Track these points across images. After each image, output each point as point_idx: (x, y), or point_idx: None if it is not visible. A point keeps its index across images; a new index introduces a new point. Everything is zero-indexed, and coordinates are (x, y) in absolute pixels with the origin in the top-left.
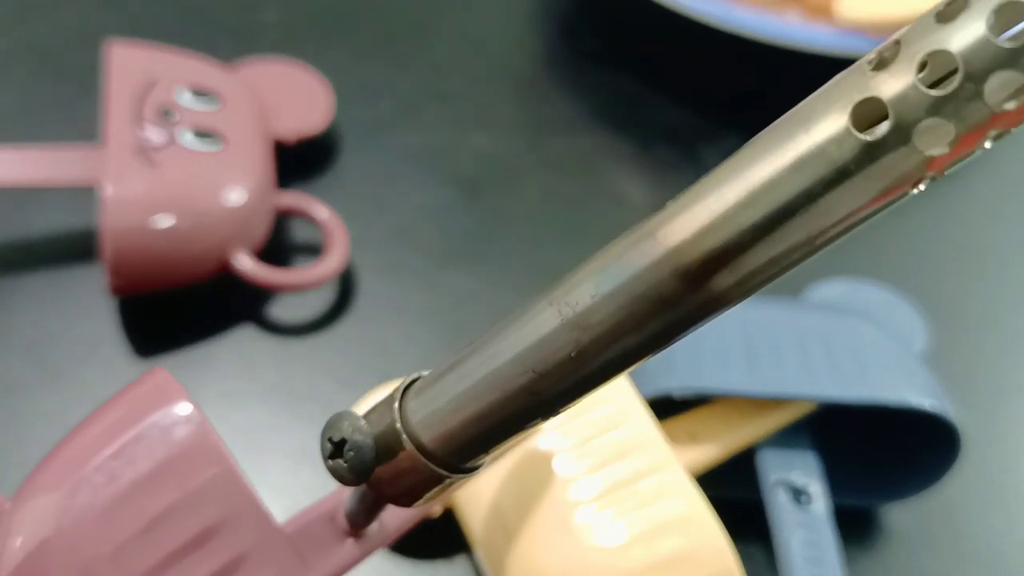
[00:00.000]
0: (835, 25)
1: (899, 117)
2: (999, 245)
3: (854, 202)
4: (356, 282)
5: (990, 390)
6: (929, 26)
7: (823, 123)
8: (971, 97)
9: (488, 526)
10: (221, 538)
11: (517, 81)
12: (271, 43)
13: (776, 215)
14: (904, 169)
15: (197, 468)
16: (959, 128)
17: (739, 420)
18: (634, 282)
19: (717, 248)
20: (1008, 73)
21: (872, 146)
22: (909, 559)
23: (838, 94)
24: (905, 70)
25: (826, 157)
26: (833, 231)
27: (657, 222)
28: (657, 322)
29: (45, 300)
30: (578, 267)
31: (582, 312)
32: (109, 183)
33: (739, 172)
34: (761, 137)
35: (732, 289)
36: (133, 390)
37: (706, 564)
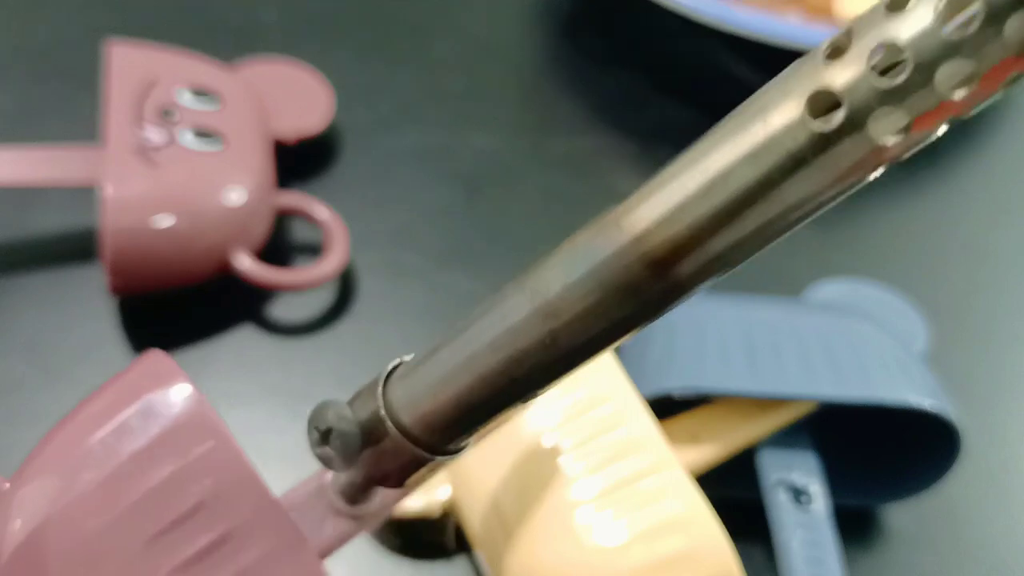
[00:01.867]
0: (835, 25)
1: (853, 107)
2: (999, 245)
3: (811, 189)
4: (356, 282)
5: (990, 390)
6: (880, 16)
7: (779, 112)
8: (921, 86)
9: (488, 526)
10: (218, 510)
11: (517, 81)
12: (271, 43)
13: (734, 203)
14: (859, 156)
15: (193, 441)
16: (911, 116)
17: (739, 420)
18: (600, 269)
19: (679, 236)
20: (956, 62)
21: (826, 136)
22: (909, 559)
23: (794, 83)
24: (857, 60)
25: (782, 146)
26: (791, 217)
27: (622, 210)
28: (624, 308)
29: (45, 300)
30: (547, 254)
31: (552, 299)
32: (109, 183)
33: (698, 161)
34: (719, 126)
35: (696, 275)
36: (129, 371)
37: (706, 564)
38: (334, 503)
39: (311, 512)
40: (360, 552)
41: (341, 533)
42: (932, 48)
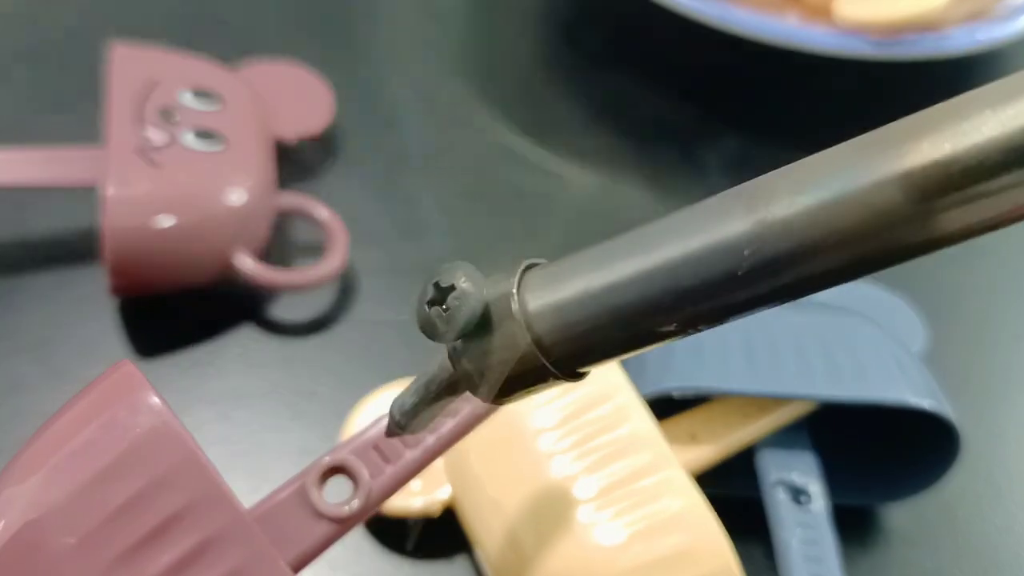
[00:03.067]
0: (834, 26)
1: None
2: (997, 245)
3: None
4: (356, 282)
5: (989, 390)
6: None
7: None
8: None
9: (488, 525)
10: (186, 524)
11: (517, 81)
12: (272, 44)
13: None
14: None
15: (159, 457)
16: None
17: (738, 419)
18: (852, 192)
19: (965, 176)
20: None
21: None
22: (908, 558)
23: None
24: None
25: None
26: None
27: (894, 135)
28: (860, 243)
29: (46, 300)
30: (779, 169)
31: (777, 213)
32: (110, 183)
33: (1006, 98)
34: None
35: (963, 226)
36: (98, 383)
37: (706, 563)
38: (314, 507)
39: (291, 517)
40: (360, 552)
41: (322, 537)
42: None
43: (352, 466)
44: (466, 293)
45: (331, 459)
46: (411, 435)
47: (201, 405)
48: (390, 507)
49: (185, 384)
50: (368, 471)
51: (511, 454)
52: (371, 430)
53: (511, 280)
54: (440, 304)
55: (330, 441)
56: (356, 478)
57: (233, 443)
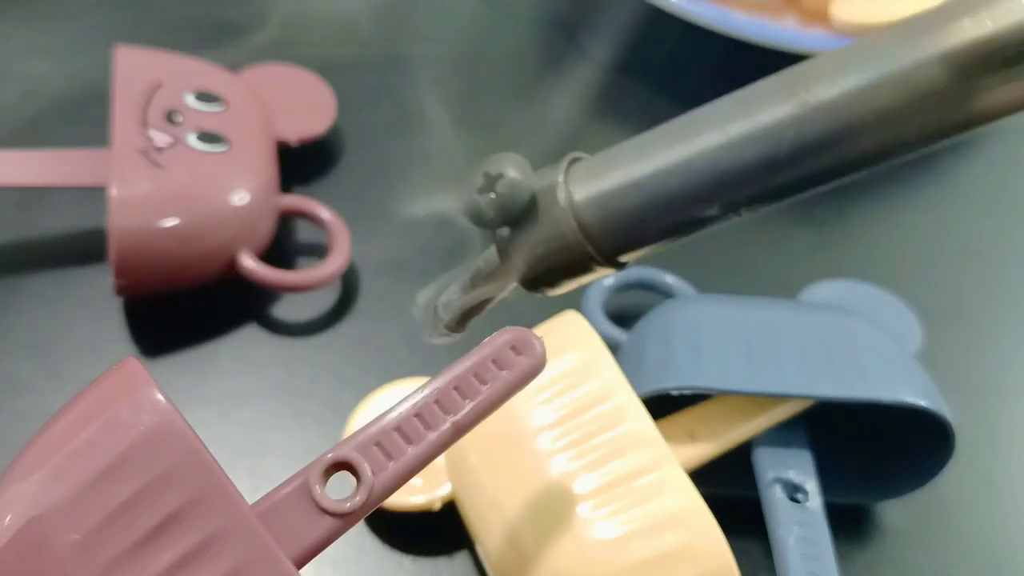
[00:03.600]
0: (831, 29)
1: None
2: (994, 245)
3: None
4: (358, 283)
5: (984, 388)
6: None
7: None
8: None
9: (489, 522)
10: (189, 521)
11: (517, 82)
12: (274, 47)
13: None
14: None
15: (163, 453)
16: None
17: (736, 418)
18: (894, 71)
19: (1007, 53)
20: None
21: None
22: (903, 556)
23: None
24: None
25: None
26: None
27: (939, 16)
28: (903, 122)
29: (51, 300)
30: (817, 57)
31: (819, 93)
32: (115, 184)
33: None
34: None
35: (1003, 105)
36: (103, 380)
37: (703, 560)
38: (319, 501)
39: (294, 513)
40: (362, 548)
41: (325, 533)
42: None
43: (355, 462)
44: (514, 181)
45: (334, 455)
46: (453, 332)
47: (203, 404)
48: (391, 504)
49: (187, 383)
50: (371, 467)
51: (511, 452)
52: (374, 426)
53: (557, 171)
54: (489, 192)
55: (331, 441)
56: (359, 474)
57: (234, 442)
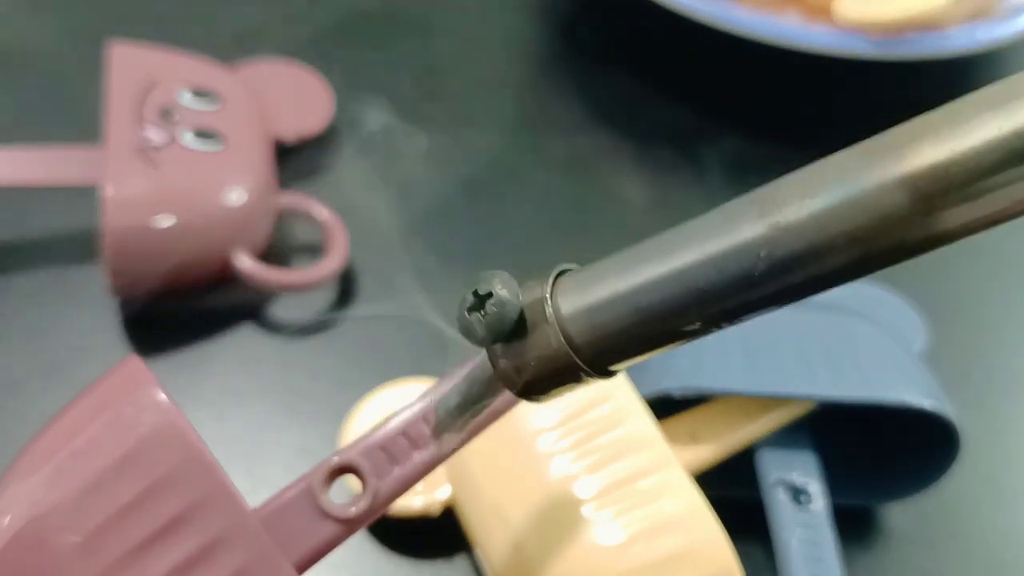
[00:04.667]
0: (834, 25)
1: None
2: (998, 245)
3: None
4: (356, 282)
5: (989, 390)
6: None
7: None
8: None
9: (488, 525)
10: (191, 525)
11: (517, 81)
12: (271, 44)
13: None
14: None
15: (166, 456)
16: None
17: (738, 419)
18: (858, 196)
19: (965, 179)
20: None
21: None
22: (908, 558)
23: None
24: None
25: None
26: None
27: (898, 138)
28: (868, 244)
29: (46, 300)
30: (793, 173)
31: (789, 217)
32: (110, 183)
33: (1005, 101)
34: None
35: (964, 225)
36: (106, 379)
37: (706, 563)
38: (322, 507)
39: (297, 517)
40: (360, 552)
41: (328, 538)
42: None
43: (360, 467)
44: (503, 300)
45: (339, 459)
46: (452, 433)
47: (199, 405)
48: (391, 508)
49: (184, 384)
50: (376, 472)
51: (511, 455)
52: (379, 431)
53: (544, 285)
54: (479, 310)
55: (329, 441)
56: (364, 479)
57: (232, 443)
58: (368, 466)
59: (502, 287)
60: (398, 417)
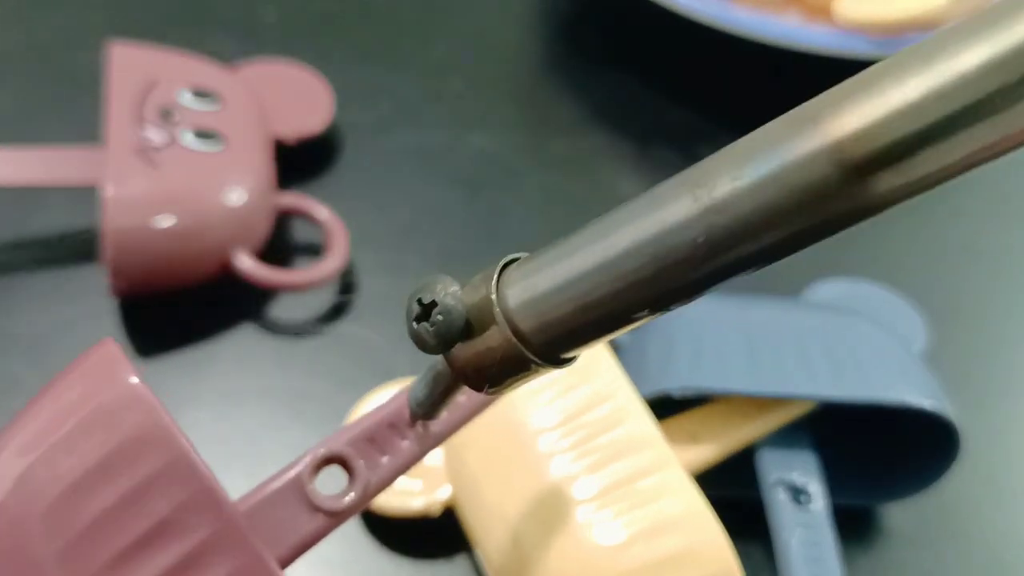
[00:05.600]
0: (834, 25)
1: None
2: (999, 245)
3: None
4: (356, 282)
5: (989, 389)
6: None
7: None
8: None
9: (488, 525)
10: (176, 530)
11: (517, 81)
12: (271, 44)
13: (967, 113)
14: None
15: (149, 456)
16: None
17: (739, 419)
18: (786, 170)
19: (889, 145)
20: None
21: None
22: (908, 558)
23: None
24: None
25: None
26: (1021, 138)
27: (820, 108)
28: (802, 218)
29: (46, 300)
30: (720, 151)
31: (721, 198)
32: (110, 183)
33: (926, 61)
34: (954, 28)
35: (895, 191)
36: (78, 370)
37: (706, 563)
38: (309, 499)
39: (285, 509)
40: (360, 552)
41: (316, 530)
42: None
43: (348, 457)
44: (448, 307)
45: (327, 449)
46: (428, 420)
47: (199, 405)
48: (390, 508)
49: (183, 384)
50: (364, 463)
51: (511, 454)
52: (364, 421)
53: (490, 283)
54: (426, 319)
55: None
56: (352, 470)
57: (231, 443)
58: (356, 456)
59: (445, 294)
60: (384, 407)
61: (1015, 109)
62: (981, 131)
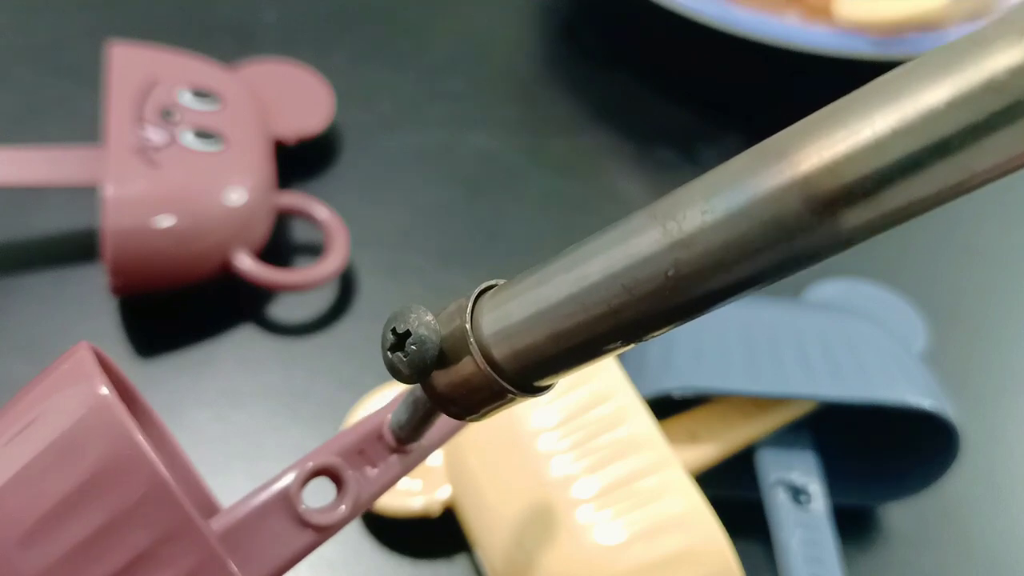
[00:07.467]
0: (834, 25)
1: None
2: (999, 245)
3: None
4: (356, 282)
5: (989, 389)
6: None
7: (1003, 51)
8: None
9: (488, 525)
10: (156, 563)
11: (517, 81)
12: (271, 44)
13: (932, 151)
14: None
15: (125, 485)
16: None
17: (739, 419)
18: (754, 205)
19: (857, 181)
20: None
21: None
22: (908, 558)
23: (1020, 18)
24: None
25: (1002, 88)
26: (992, 173)
27: (788, 142)
28: (772, 252)
29: (46, 300)
30: (689, 183)
31: (690, 232)
32: (110, 183)
33: (893, 97)
34: (921, 63)
35: (864, 226)
36: (51, 384)
37: (705, 563)
38: (296, 513)
39: (272, 525)
40: (360, 552)
41: (304, 546)
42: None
43: (338, 469)
44: (421, 338)
45: (316, 463)
46: (410, 443)
47: (199, 405)
48: (390, 508)
49: (183, 384)
50: (354, 475)
51: (511, 454)
52: (356, 431)
53: (464, 312)
54: (400, 349)
55: None
56: (342, 481)
57: (230, 444)
58: (346, 468)
59: (419, 323)
60: (373, 417)
61: (983, 145)
62: (949, 167)
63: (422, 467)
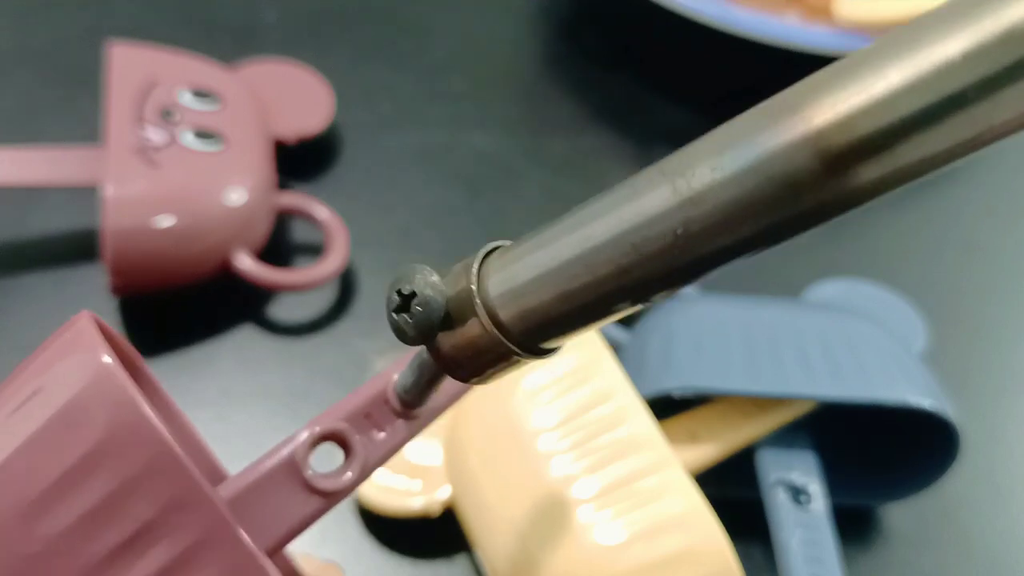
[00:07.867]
0: (834, 25)
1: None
2: (998, 245)
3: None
4: (356, 282)
5: (989, 389)
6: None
7: (1021, 1)
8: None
9: (488, 525)
10: (163, 533)
11: (517, 81)
12: (271, 44)
13: (947, 104)
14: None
15: (129, 453)
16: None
17: (739, 419)
18: (765, 161)
19: (871, 135)
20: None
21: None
22: (908, 558)
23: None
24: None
25: (1021, 40)
26: (1009, 127)
27: (799, 97)
28: (782, 209)
29: (46, 300)
30: (698, 140)
31: (699, 189)
32: (110, 183)
33: (907, 50)
34: (935, 14)
35: (876, 183)
36: (53, 353)
37: (705, 563)
38: (304, 480)
39: (280, 491)
40: (360, 552)
41: (312, 512)
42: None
43: (345, 434)
44: (427, 299)
45: (323, 428)
46: (416, 408)
47: (199, 405)
48: (390, 508)
49: (183, 384)
50: (361, 440)
51: (511, 454)
52: (362, 394)
53: (470, 272)
54: (406, 310)
55: None
56: (349, 446)
57: (231, 444)
58: (353, 433)
59: (425, 284)
60: (378, 379)
61: (997, 98)
62: (965, 121)
63: (422, 467)
